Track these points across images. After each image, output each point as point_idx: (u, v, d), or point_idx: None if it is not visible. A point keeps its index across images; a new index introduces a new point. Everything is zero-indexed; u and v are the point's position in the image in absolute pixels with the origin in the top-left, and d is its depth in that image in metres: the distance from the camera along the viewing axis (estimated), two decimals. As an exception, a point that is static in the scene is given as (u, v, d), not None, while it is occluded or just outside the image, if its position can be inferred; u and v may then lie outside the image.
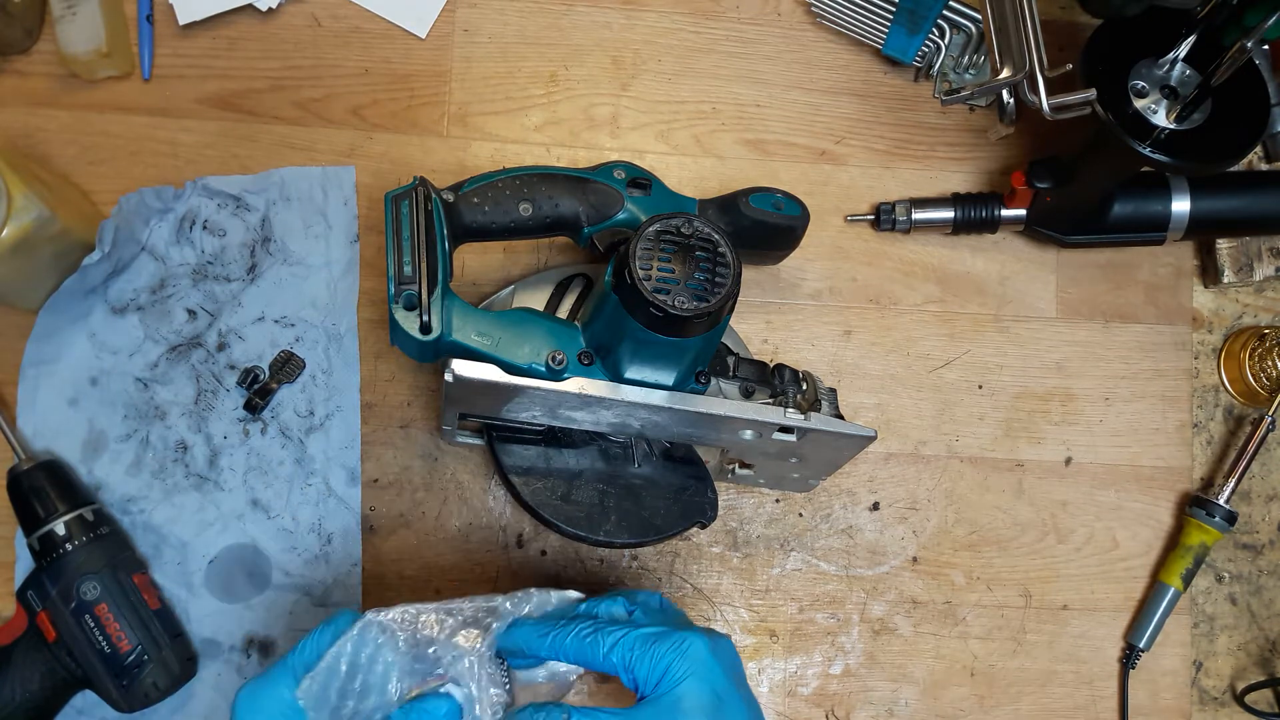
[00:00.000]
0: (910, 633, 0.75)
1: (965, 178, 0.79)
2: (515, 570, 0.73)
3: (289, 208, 0.74)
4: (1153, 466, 0.78)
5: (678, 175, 0.77)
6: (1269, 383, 0.78)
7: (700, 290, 0.56)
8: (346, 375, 0.73)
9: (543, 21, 0.78)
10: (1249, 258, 0.78)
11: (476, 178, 0.65)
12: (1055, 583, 0.77)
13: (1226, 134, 0.65)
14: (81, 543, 0.65)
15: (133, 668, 0.65)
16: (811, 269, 0.78)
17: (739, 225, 0.67)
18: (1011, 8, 0.65)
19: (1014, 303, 0.79)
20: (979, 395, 0.78)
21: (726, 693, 0.51)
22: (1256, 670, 0.78)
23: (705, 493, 0.68)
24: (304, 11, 0.76)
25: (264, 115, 0.75)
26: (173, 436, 0.71)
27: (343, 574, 0.71)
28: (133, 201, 0.71)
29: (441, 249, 0.60)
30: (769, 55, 0.79)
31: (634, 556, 0.74)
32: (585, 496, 0.66)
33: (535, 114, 0.77)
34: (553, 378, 0.59)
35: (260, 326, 0.73)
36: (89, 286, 0.71)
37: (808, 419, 0.62)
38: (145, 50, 0.74)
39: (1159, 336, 0.79)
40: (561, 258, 0.76)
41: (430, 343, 0.59)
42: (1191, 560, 0.75)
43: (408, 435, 0.73)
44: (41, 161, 0.73)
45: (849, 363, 0.77)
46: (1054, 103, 0.64)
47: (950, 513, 0.76)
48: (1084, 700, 0.76)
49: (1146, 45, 0.66)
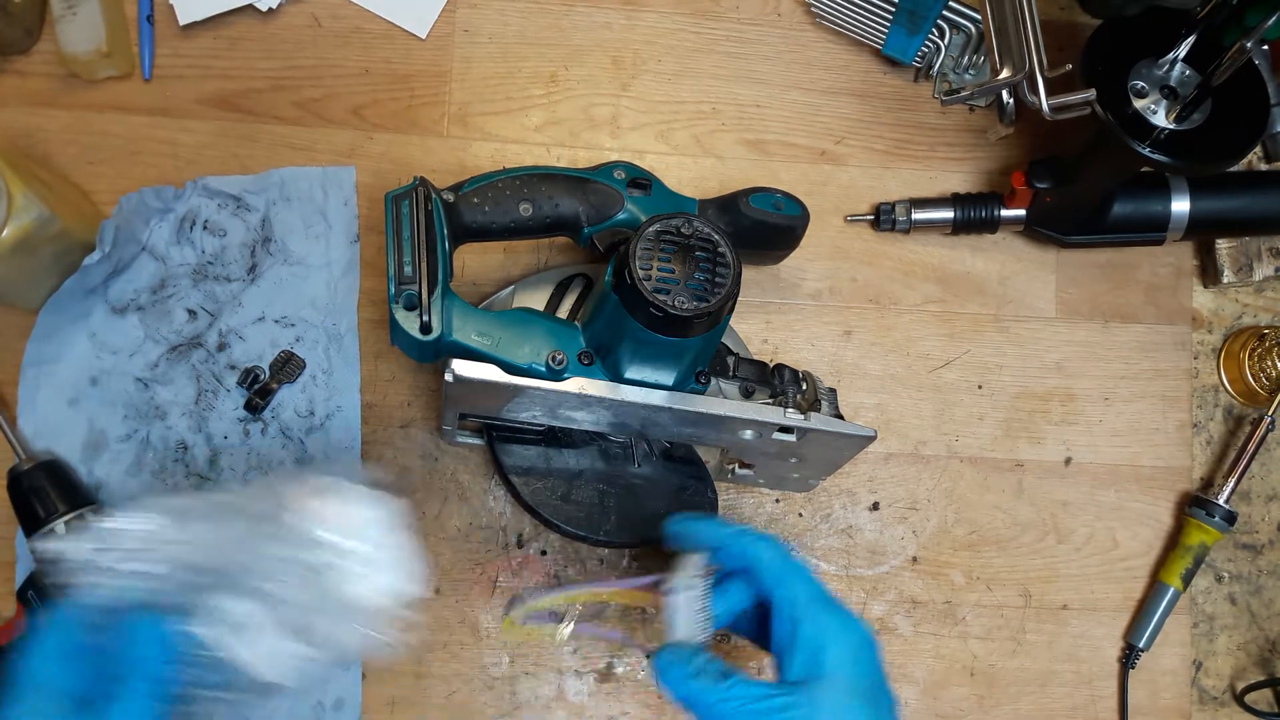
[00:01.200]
0: (910, 633, 0.75)
1: (965, 178, 0.79)
2: (515, 570, 0.73)
3: (289, 208, 0.74)
4: (1153, 466, 0.78)
5: (678, 175, 0.77)
6: (1269, 383, 0.78)
7: (700, 290, 0.56)
8: (347, 375, 0.73)
9: (543, 22, 0.78)
10: (1249, 258, 0.78)
11: (476, 178, 0.65)
12: (1055, 583, 0.77)
13: (1226, 134, 0.65)
14: (82, 543, 0.65)
15: (133, 668, 0.65)
16: (811, 269, 0.78)
17: (739, 225, 0.67)
18: (1011, 8, 0.66)
19: (1014, 303, 0.79)
20: (979, 395, 0.78)
21: (881, 684, 0.52)
22: (1256, 670, 0.78)
23: (705, 493, 0.68)
24: (304, 11, 0.76)
25: (264, 115, 0.75)
26: (173, 436, 0.71)
27: (343, 574, 0.71)
28: (133, 201, 0.71)
29: (441, 249, 0.60)
30: (769, 55, 0.79)
31: (634, 556, 0.74)
32: (585, 496, 0.66)
33: (535, 114, 0.77)
34: (553, 378, 0.59)
35: (260, 326, 0.73)
36: (89, 286, 0.71)
37: (808, 419, 0.62)
38: (145, 50, 0.74)
39: (1159, 336, 0.79)
40: (561, 258, 0.76)
41: (430, 343, 0.59)
42: (1191, 560, 0.75)
43: (408, 435, 0.73)
44: (41, 161, 0.73)
45: (849, 363, 0.77)
46: (1054, 103, 0.64)
47: (950, 513, 0.77)
48: (1084, 700, 0.76)
49: (1146, 45, 0.66)
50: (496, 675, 0.72)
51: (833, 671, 0.50)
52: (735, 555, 0.54)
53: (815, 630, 0.51)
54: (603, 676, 0.72)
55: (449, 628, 0.72)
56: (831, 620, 0.51)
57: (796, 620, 0.51)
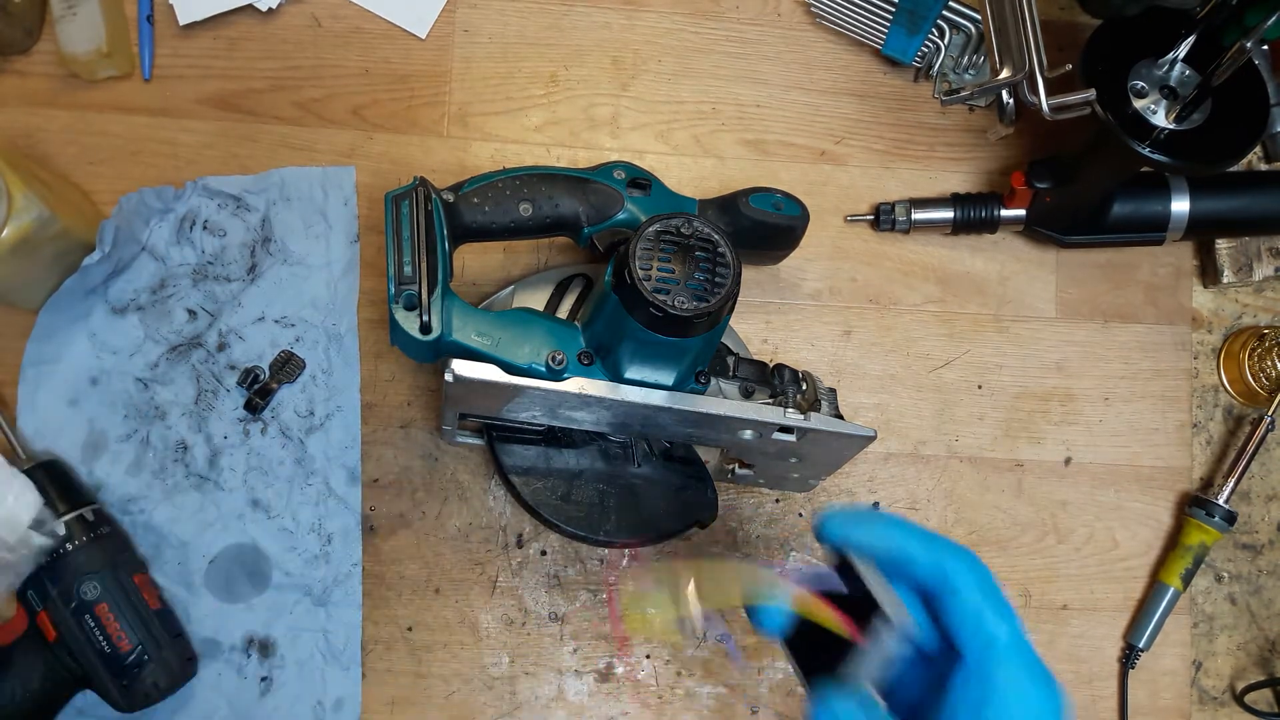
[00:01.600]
0: (910, 633, 0.75)
1: (965, 178, 0.79)
2: (515, 570, 0.73)
3: (289, 208, 0.74)
4: (1152, 466, 0.78)
5: (678, 175, 0.77)
6: (1269, 383, 0.78)
7: (700, 290, 0.56)
8: (346, 375, 0.73)
9: (543, 22, 0.78)
10: (1248, 258, 0.78)
11: (476, 178, 0.65)
12: (1055, 582, 0.77)
13: (1226, 134, 0.65)
14: (82, 543, 0.65)
15: (133, 667, 0.65)
16: (811, 269, 0.78)
17: (739, 225, 0.67)
18: (1011, 8, 0.66)
19: (1014, 303, 0.79)
20: (979, 395, 0.78)
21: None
22: (1256, 670, 0.78)
23: (705, 493, 0.68)
24: (304, 12, 0.76)
25: (264, 115, 0.75)
26: (173, 436, 0.71)
27: (343, 574, 0.71)
28: (133, 201, 0.71)
29: (441, 249, 0.60)
30: (769, 55, 0.79)
31: (634, 556, 0.74)
32: (585, 496, 0.66)
33: (535, 114, 0.77)
34: (553, 378, 0.59)
35: (260, 326, 0.73)
36: (89, 286, 0.71)
37: (807, 419, 0.62)
38: (145, 50, 0.74)
39: (1159, 336, 0.79)
40: (561, 258, 0.76)
41: (430, 343, 0.59)
42: (1191, 560, 0.75)
43: (408, 435, 0.73)
44: (41, 161, 0.73)
45: (849, 363, 0.77)
46: (1054, 103, 0.64)
47: (950, 513, 0.77)
48: (1084, 700, 0.76)
49: (1146, 45, 0.66)
50: (496, 675, 0.72)
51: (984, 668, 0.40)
52: (926, 576, 0.43)
53: (1011, 695, 0.40)
54: (602, 676, 0.72)
55: (449, 628, 0.72)
56: (1028, 683, 0.41)
57: (987, 676, 0.40)
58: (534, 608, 0.73)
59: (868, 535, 0.44)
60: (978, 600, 0.41)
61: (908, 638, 0.42)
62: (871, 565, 0.44)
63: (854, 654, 0.42)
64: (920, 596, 0.43)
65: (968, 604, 0.41)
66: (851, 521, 0.44)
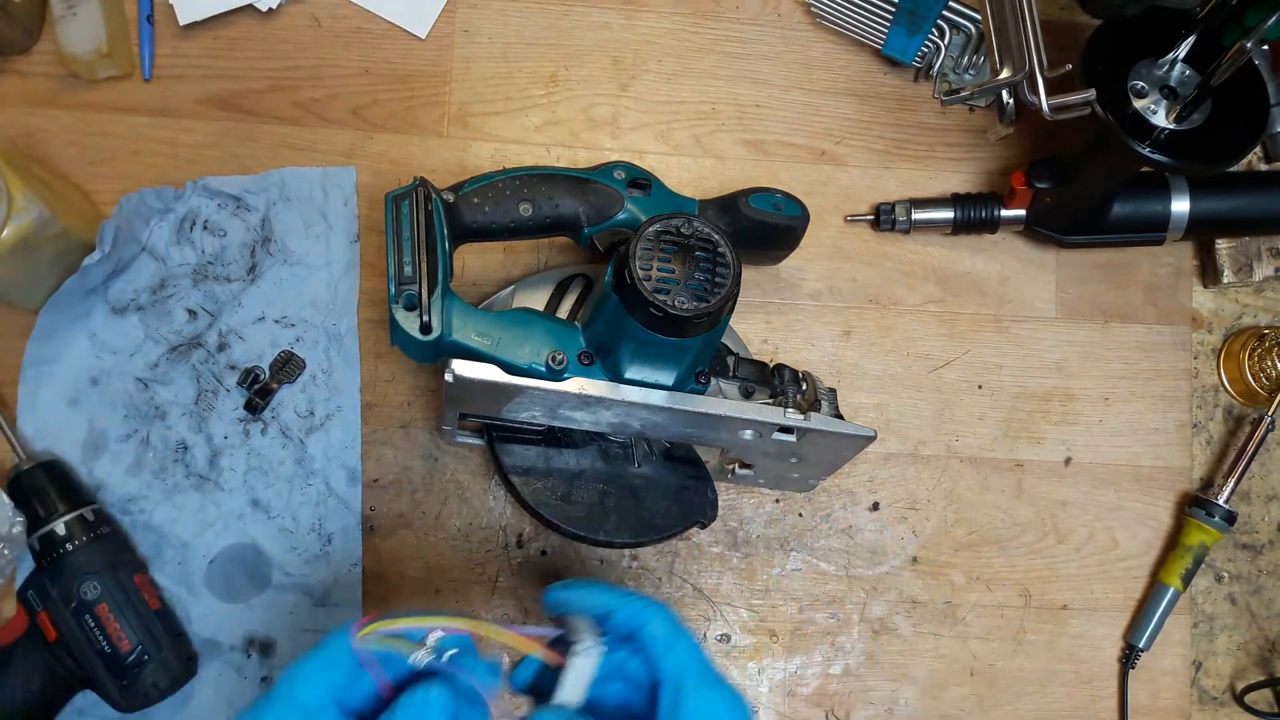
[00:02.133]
0: (910, 633, 0.75)
1: (965, 178, 0.79)
2: (515, 570, 0.73)
3: (289, 208, 0.74)
4: (1152, 466, 0.78)
5: (678, 175, 0.77)
6: (1269, 383, 0.78)
7: (700, 290, 0.56)
8: (347, 375, 0.73)
9: (543, 22, 0.78)
10: (1248, 258, 0.78)
11: (476, 178, 0.65)
12: (1055, 583, 0.77)
13: (1226, 134, 0.65)
14: (82, 543, 0.66)
15: (133, 668, 0.65)
16: (811, 269, 0.78)
17: (739, 225, 0.67)
18: (1011, 8, 0.66)
19: (1014, 303, 0.79)
20: (979, 395, 0.78)
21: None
22: (1256, 670, 0.78)
23: (705, 493, 0.68)
24: (304, 12, 0.76)
25: (264, 115, 0.75)
26: (173, 436, 0.71)
27: (343, 574, 0.71)
28: (133, 201, 0.71)
29: (442, 249, 0.60)
30: (769, 56, 0.79)
31: (634, 556, 0.74)
32: (585, 496, 0.66)
33: (535, 114, 0.77)
34: (553, 378, 0.59)
35: (260, 326, 0.73)
36: (89, 286, 0.71)
37: (807, 419, 0.62)
38: (145, 50, 0.74)
39: (1159, 336, 0.79)
40: (561, 258, 0.76)
41: (430, 343, 0.59)
42: (1191, 560, 0.75)
43: (408, 435, 0.73)
44: (41, 161, 0.73)
45: (849, 363, 0.77)
46: (1054, 103, 0.64)
47: (950, 513, 0.77)
48: (1083, 700, 0.76)
49: (1146, 45, 0.66)
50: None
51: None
52: (623, 622, 0.53)
53: (701, 705, 0.50)
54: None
55: (449, 628, 0.72)
56: (715, 696, 0.50)
57: (681, 691, 0.50)
58: (534, 608, 0.73)
59: (577, 599, 0.54)
60: (666, 634, 0.51)
61: (596, 653, 0.52)
62: (578, 616, 0.53)
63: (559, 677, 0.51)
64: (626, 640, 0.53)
65: (659, 638, 0.51)
66: (565, 590, 0.55)
